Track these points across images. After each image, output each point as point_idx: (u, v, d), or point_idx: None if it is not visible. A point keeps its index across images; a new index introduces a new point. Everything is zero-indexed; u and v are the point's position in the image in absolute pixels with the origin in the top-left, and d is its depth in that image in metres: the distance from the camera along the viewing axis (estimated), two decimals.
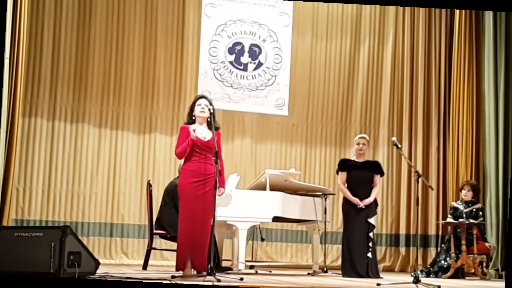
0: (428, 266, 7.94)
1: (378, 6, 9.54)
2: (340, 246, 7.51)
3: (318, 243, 7.49)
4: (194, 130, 5.53)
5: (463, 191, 8.00)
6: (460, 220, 7.70)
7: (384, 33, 9.65)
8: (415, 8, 9.49)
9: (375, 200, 7.11)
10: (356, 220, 6.99)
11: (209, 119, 5.67)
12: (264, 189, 7.06)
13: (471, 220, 7.65)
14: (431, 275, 7.64)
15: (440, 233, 8.99)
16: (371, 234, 6.99)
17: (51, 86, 8.66)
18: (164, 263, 8.42)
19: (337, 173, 7.30)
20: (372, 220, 7.02)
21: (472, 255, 7.51)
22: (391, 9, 9.59)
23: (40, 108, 8.59)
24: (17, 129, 7.54)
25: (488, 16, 8.40)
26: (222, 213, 6.51)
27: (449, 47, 9.40)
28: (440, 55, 9.46)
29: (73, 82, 8.75)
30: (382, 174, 7.27)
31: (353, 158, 7.29)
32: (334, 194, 7.99)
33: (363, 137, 7.29)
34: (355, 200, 7.00)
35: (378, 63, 9.61)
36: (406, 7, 9.52)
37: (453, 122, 8.86)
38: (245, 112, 9.25)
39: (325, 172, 9.37)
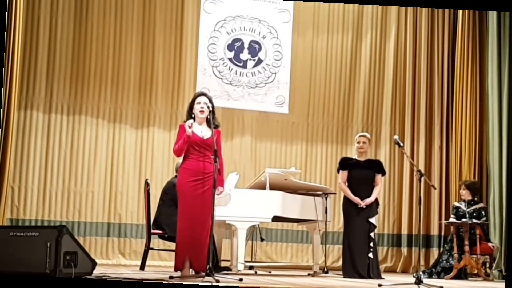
0: (431, 267, 7.91)
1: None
2: (341, 246, 7.44)
3: (319, 243, 7.42)
4: (190, 126, 5.38)
5: (461, 191, 7.95)
6: (463, 220, 7.61)
7: (386, 29, 9.56)
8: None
9: (376, 200, 7.04)
10: (357, 219, 6.92)
11: (208, 117, 5.55)
12: (264, 188, 6.99)
13: (474, 220, 7.56)
14: (433, 276, 7.59)
15: (442, 233, 8.94)
16: (372, 234, 6.93)
17: (47, 81, 8.56)
18: (162, 264, 8.35)
19: (338, 171, 7.22)
20: (373, 220, 6.96)
21: (475, 256, 7.45)
22: None
23: (35, 104, 8.49)
24: (12, 126, 7.47)
25: (492, 14, 8.33)
26: (221, 212, 6.42)
27: (452, 43, 9.29)
28: (443, 51, 9.36)
29: (70, 78, 8.66)
30: (383, 173, 7.19)
31: (355, 156, 7.20)
32: (335, 193, 7.91)
33: (364, 136, 7.21)
34: (356, 199, 6.92)
35: (380, 60, 9.52)
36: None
37: (456, 121, 8.78)
38: (244, 109, 9.16)
39: (326, 171, 9.28)
